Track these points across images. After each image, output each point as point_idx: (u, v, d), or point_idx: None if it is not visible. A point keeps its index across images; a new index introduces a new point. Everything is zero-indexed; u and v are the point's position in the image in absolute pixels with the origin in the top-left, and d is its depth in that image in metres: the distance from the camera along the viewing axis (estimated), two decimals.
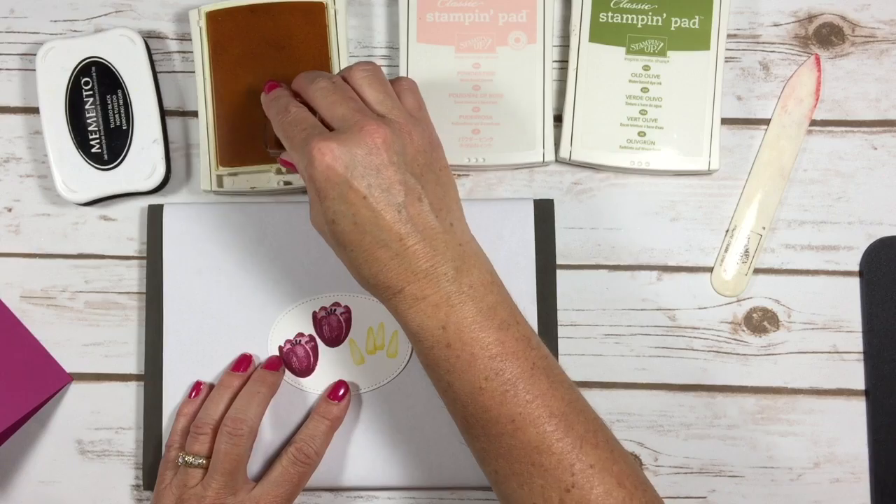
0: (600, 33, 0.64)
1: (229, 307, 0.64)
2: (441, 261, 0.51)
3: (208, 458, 0.59)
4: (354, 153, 0.50)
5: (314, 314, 0.64)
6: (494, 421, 0.51)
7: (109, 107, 0.64)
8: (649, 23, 0.64)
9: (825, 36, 0.66)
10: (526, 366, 0.51)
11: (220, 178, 0.64)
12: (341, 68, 0.64)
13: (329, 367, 0.63)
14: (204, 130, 0.64)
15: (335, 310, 0.64)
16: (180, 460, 0.59)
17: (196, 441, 0.59)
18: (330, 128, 0.52)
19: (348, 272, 0.64)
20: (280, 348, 0.64)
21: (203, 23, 0.64)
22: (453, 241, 0.52)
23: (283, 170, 0.64)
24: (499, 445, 0.51)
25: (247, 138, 0.64)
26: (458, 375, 0.51)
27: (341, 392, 0.62)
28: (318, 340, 0.64)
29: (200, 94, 0.64)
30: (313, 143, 0.50)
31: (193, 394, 0.63)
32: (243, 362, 0.63)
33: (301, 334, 0.64)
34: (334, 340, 0.64)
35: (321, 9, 0.64)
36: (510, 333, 0.52)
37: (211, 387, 0.63)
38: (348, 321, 0.64)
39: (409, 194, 0.51)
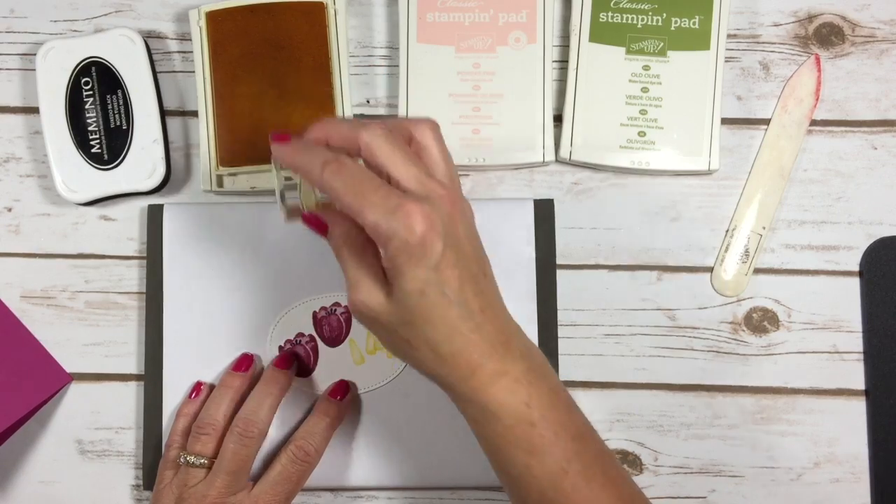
0: (600, 33, 0.64)
1: (229, 307, 0.64)
2: (512, 334, 0.50)
3: (209, 457, 0.59)
4: (443, 220, 0.47)
5: (314, 314, 0.64)
6: None
7: (109, 107, 0.64)
8: (649, 23, 0.64)
9: (825, 36, 0.66)
10: (599, 447, 0.50)
11: (220, 178, 0.64)
12: (342, 69, 0.64)
13: (329, 367, 0.63)
14: (204, 130, 0.64)
15: (335, 310, 0.64)
16: (181, 460, 0.59)
17: (197, 441, 0.59)
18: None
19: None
20: (280, 348, 0.64)
21: (203, 23, 0.64)
22: (511, 319, 0.51)
23: (286, 173, 0.64)
24: None
25: (247, 138, 0.64)
26: (540, 457, 0.48)
27: (342, 391, 0.62)
28: (318, 340, 0.64)
29: (200, 94, 0.64)
30: (409, 205, 0.45)
31: (193, 394, 0.63)
32: (244, 362, 0.63)
33: (301, 334, 0.64)
34: (334, 340, 0.64)
35: (321, 9, 0.64)
36: (577, 414, 0.50)
37: (211, 387, 0.63)
38: (348, 321, 0.64)
39: (480, 265, 0.49)
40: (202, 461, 0.58)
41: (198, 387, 0.63)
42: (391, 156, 0.48)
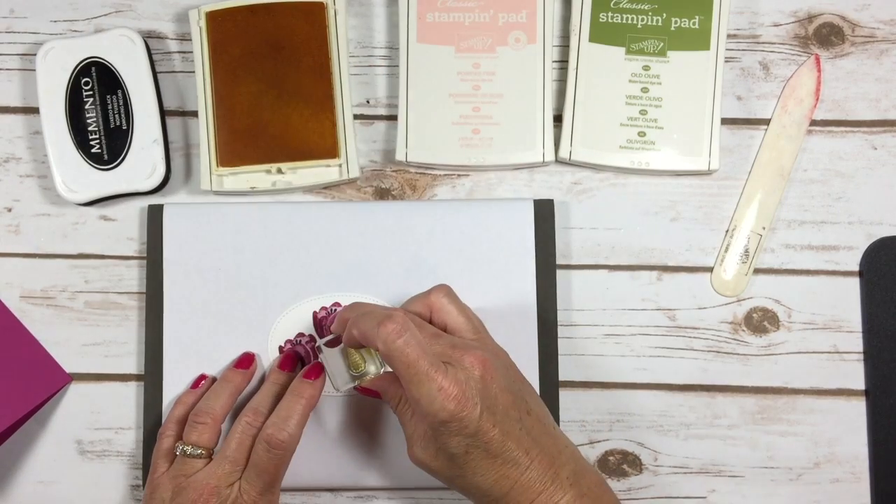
0: (600, 33, 0.64)
1: (229, 307, 0.64)
2: (561, 464, 0.52)
3: (206, 447, 0.59)
4: (477, 387, 0.51)
5: (314, 314, 0.64)
6: None
7: (109, 107, 0.64)
8: (649, 23, 0.64)
9: (825, 36, 0.66)
10: None
11: (220, 178, 0.64)
12: (342, 69, 0.64)
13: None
14: (204, 130, 0.64)
15: (335, 310, 0.64)
16: (178, 450, 0.59)
17: (194, 430, 0.59)
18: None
19: (348, 272, 0.64)
20: (280, 348, 0.64)
21: (203, 23, 0.64)
22: (561, 444, 0.53)
23: (284, 170, 0.64)
24: None
25: (247, 138, 0.64)
26: None
27: (316, 372, 0.60)
28: (318, 340, 0.63)
29: (200, 94, 0.64)
30: (442, 382, 0.50)
31: (194, 386, 0.62)
32: (245, 360, 0.63)
33: (301, 334, 0.64)
34: (334, 340, 0.63)
35: (321, 9, 0.64)
36: None
37: (213, 381, 0.63)
38: None
39: (522, 406, 0.53)
40: (199, 451, 0.58)
41: (200, 379, 0.63)
42: (407, 353, 0.51)
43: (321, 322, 0.64)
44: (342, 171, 0.64)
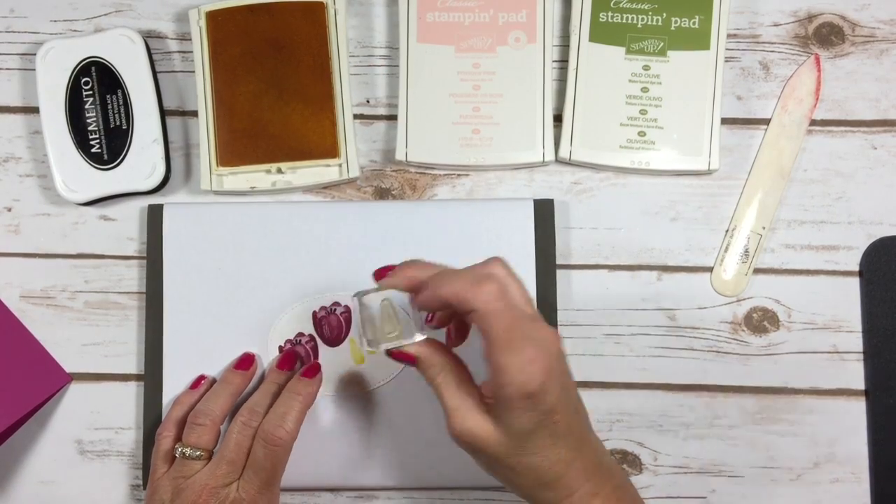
0: (600, 33, 0.64)
1: (229, 307, 0.64)
2: (601, 455, 0.52)
3: (205, 449, 0.59)
4: (557, 364, 0.49)
5: (314, 314, 0.64)
6: None
7: (109, 107, 0.64)
8: (649, 22, 0.64)
9: (825, 36, 0.66)
10: None
11: (220, 178, 0.64)
12: (342, 69, 0.64)
13: (329, 367, 0.63)
14: (204, 130, 0.64)
15: (335, 309, 0.64)
16: (177, 452, 0.59)
17: (193, 431, 0.59)
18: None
19: (348, 272, 0.64)
20: (280, 348, 0.64)
21: (203, 22, 0.64)
22: (594, 436, 0.53)
23: (284, 169, 0.64)
24: None
25: (247, 138, 0.64)
26: None
27: (313, 371, 0.61)
28: (318, 340, 0.64)
29: (200, 94, 0.64)
30: (532, 352, 0.47)
31: (194, 387, 0.62)
32: (245, 361, 0.63)
33: (301, 334, 0.64)
34: (334, 340, 0.64)
35: (321, 9, 0.64)
36: None
37: (213, 382, 0.63)
38: (348, 321, 0.64)
39: (575, 395, 0.52)
40: (198, 453, 0.58)
41: (199, 379, 0.63)
42: (506, 317, 0.48)
43: (321, 322, 0.64)
44: (342, 170, 0.64)
